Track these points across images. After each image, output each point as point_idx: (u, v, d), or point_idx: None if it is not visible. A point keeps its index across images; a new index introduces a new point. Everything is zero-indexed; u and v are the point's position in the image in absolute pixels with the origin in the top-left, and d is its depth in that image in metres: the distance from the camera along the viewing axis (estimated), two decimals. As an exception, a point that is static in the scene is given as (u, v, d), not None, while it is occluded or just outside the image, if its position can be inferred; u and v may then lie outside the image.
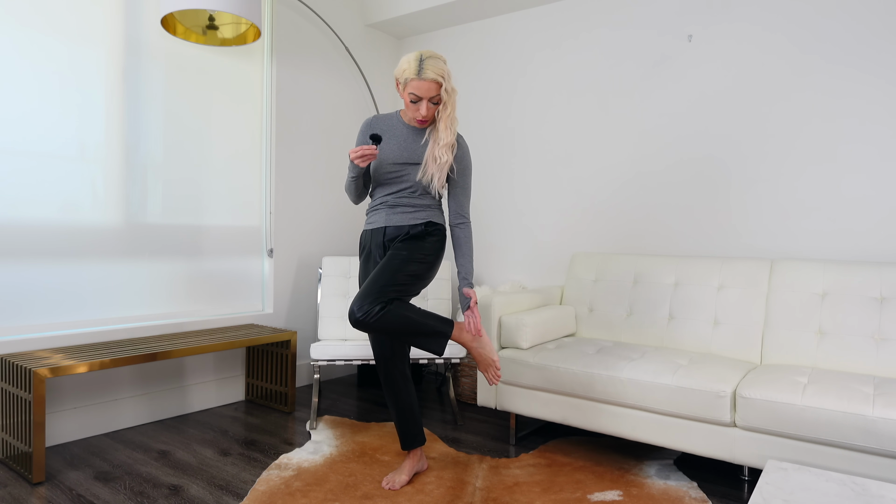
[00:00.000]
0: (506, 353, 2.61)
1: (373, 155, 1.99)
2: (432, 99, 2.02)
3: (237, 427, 2.84)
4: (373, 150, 1.99)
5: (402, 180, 2.15)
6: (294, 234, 3.56)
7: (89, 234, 2.71)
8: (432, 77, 1.98)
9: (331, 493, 2.11)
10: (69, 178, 2.63)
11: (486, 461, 2.44)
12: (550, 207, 3.49)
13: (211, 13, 2.75)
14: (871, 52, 2.57)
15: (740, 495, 2.18)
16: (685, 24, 3.03)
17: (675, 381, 2.20)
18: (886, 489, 1.39)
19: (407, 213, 2.15)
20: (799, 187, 2.73)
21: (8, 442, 2.35)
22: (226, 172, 3.24)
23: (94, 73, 2.69)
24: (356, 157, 1.99)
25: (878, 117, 2.56)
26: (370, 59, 4.02)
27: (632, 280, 2.93)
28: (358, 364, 3.42)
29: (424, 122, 2.10)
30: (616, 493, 2.15)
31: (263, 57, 3.41)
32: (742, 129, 2.87)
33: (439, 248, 2.17)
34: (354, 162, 2.00)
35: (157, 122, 2.93)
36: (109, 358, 2.38)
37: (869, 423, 1.85)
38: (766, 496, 1.35)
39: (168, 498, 2.09)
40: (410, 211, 2.15)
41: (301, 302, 3.60)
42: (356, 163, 2.00)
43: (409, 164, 2.12)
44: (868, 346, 2.31)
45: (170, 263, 3.01)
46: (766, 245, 2.81)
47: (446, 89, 2.02)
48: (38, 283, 2.56)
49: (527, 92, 3.58)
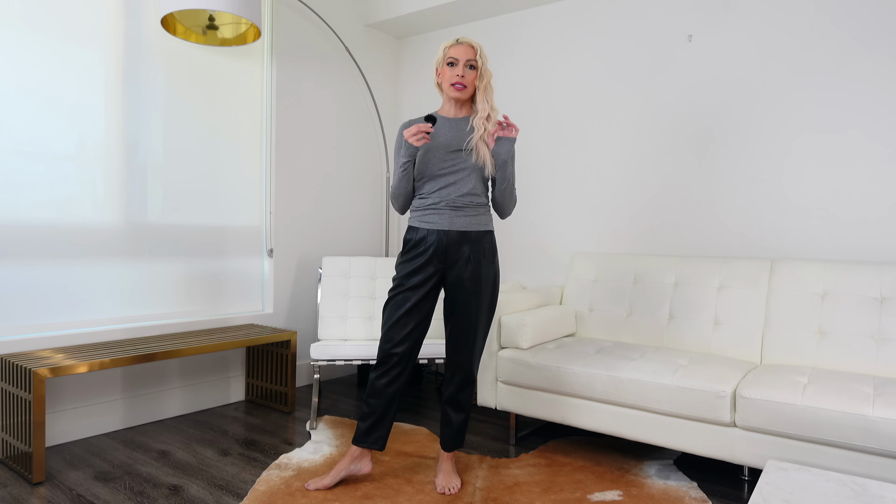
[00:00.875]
0: (506, 353, 2.61)
1: (428, 133, 2.00)
2: (469, 62, 2.08)
3: (237, 427, 2.84)
4: (428, 127, 1.98)
5: (455, 171, 2.11)
6: (294, 234, 3.56)
7: (89, 234, 2.71)
8: (468, 42, 2.11)
9: (331, 492, 2.11)
10: (69, 178, 2.63)
11: (486, 461, 2.44)
12: (550, 207, 3.49)
13: (211, 13, 2.75)
14: (872, 51, 2.57)
15: (740, 495, 2.17)
16: (685, 24, 3.03)
17: (675, 381, 2.20)
18: (886, 489, 1.39)
19: (469, 217, 2.13)
20: (799, 187, 2.73)
21: (8, 442, 2.35)
22: (226, 172, 3.24)
23: (94, 73, 2.69)
24: (411, 135, 1.98)
25: (878, 117, 2.56)
26: (370, 59, 4.02)
27: (632, 280, 2.93)
28: (358, 364, 3.42)
29: (462, 86, 2.09)
30: (616, 493, 2.15)
31: (263, 57, 3.41)
32: (742, 129, 2.87)
33: (495, 250, 2.22)
34: (410, 141, 1.99)
35: (157, 122, 2.93)
36: (109, 358, 2.38)
37: (869, 423, 1.85)
38: (766, 496, 1.35)
39: (168, 498, 2.09)
40: (473, 214, 2.14)
41: (301, 302, 3.60)
42: (411, 141, 1.99)
43: (461, 150, 2.11)
44: (868, 346, 2.31)
45: (170, 263, 3.01)
46: (766, 245, 2.81)
47: (481, 55, 2.10)
48: (38, 283, 2.56)
49: (526, 91, 3.58)
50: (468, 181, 2.11)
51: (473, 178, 2.12)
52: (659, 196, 3.11)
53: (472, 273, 2.11)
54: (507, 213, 2.25)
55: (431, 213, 2.12)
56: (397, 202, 2.20)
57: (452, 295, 2.14)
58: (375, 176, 4.09)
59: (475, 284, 2.12)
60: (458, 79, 2.08)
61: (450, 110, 2.18)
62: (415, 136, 1.99)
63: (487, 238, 2.16)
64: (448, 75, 2.10)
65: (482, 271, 2.13)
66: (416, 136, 1.98)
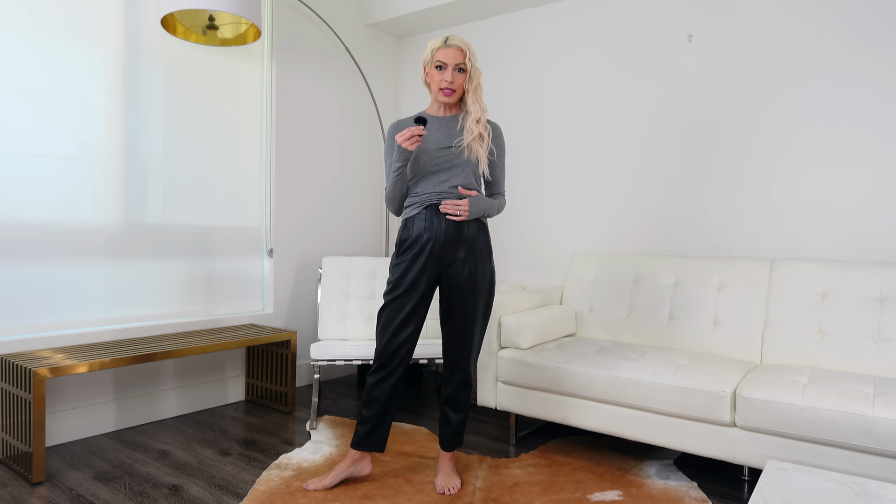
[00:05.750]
0: (506, 353, 2.61)
1: (420, 136, 1.99)
2: (458, 66, 2.06)
3: (237, 427, 2.84)
4: (420, 129, 1.97)
5: (447, 168, 2.10)
6: (294, 234, 3.56)
7: (89, 234, 2.71)
8: (457, 44, 2.06)
9: (331, 492, 2.11)
10: (69, 178, 2.63)
11: (486, 461, 2.44)
12: (550, 207, 3.49)
13: (211, 13, 2.75)
14: (874, 48, 2.57)
15: (740, 495, 2.17)
16: (685, 24, 3.03)
17: (675, 381, 2.20)
18: (886, 489, 1.39)
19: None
20: (799, 187, 2.73)
21: (8, 442, 2.35)
22: (226, 172, 3.24)
23: (94, 73, 2.69)
24: (404, 139, 1.97)
25: (879, 117, 2.56)
26: (370, 59, 4.02)
27: (632, 280, 2.93)
28: (358, 364, 3.42)
29: (451, 91, 2.08)
30: (616, 493, 2.15)
31: (263, 57, 3.41)
32: (742, 129, 2.87)
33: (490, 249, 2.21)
34: (403, 146, 1.98)
35: (157, 122, 2.93)
36: (109, 358, 2.38)
37: (869, 423, 1.85)
38: (766, 496, 1.35)
39: (168, 498, 2.09)
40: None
41: (301, 302, 3.60)
42: (405, 146, 1.98)
43: (451, 147, 2.11)
44: (868, 346, 2.31)
45: (170, 263, 3.01)
46: (766, 245, 2.81)
47: (470, 58, 2.07)
48: (38, 283, 2.56)
49: (526, 91, 3.58)
50: (460, 177, 2.11)
51: (465, 173, 2.11)
52: (659, 196, 3.11)
53: (470, 273, 2.11)
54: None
55: (425, 210, 2.11)
56: (392, 205, 2.18)
57: (449, 296, 2.14)
58: (375, 176, 4.09)
59: (472, 285, 2.12)
60: (448, 84, 2.06)
61: (438, 110, 2.17)
62: (408, 141, 1.98)
63: (483, 236, 2.16)
64: (437, 79, 2.08)
65: (479, 271, 2.13)
66: (409, 140, 1.98)
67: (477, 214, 2.11)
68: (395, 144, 2.08)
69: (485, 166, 2.13)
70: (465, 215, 2.07)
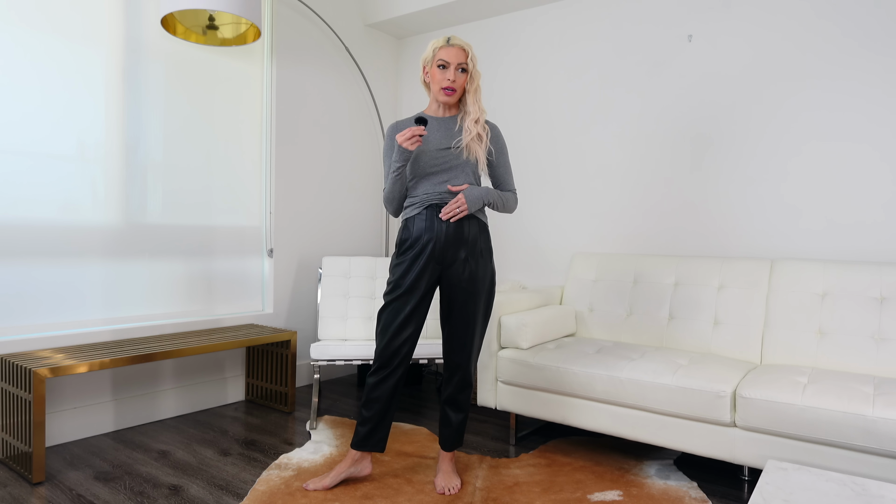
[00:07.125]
0: (506, 353, 2.61)
1: (421, 136, 1.99)
2: (460, 65, 2.07)
3: (237, 427, 2.84)
4: (421, 130, 1.97)
5: (447, 169, 2.10)
6: (294, 234, 3.56)
7: (89, 234, 2.71)
8: (460, 44, 2.08)
9: (330, 492, 2.11)
10: (69, 178, 2.63)
11: (486, 461, 2.44)
12: (550, 207, 3.49)
13: (211, 13, 2.75)
14: (873, 53, 2.57)
15: (740, 495, 2.18)
16: (685, 23, 3.03)
17: (675, 381, 2.20)
18: (886, 489, 1.39)
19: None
20: (799, 187, 2.73)
21: (8, 442, 2.35)
22: (226, 172, 3.24)
23: (94, 72, 2.69)
24: (405, 139, 1.97)
25: (879, 117, 2.56)
26: (370, 59, 4.02)
27: (632, 280, 2.93)
28: (358, 364, 3.42)
29: (453, 90, 2.08)
30: (616, 493, 2.15)
31: (263, 57, 3.41)
32: (743, 129, 2.87)
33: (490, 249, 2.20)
34: (404, 146, 1.98)
35: (157, 122, 2.93)
36: (109, 358, 2.38)
37: (869, 423, 1.85)
38: (766, 496, 1.35)
39: (168, 498, 2.09)
40: None
41: (301, 302, 3.60)
42: (406, 146, 1.98)
43: (450, 148, 2.11)
44: (868, 346, 2.31)
45: (169, 263, 3.00)
46: (766, 245, 2.81)
47: (472, 59, 2.08)
48: (38, 283, 2.56)
49: (526, 91, 3.58)
50: (460, 177, 2.11)
51: (465, 173, 2.11)
52: (659, 196, 3.11)
53: (470, 274, 2.11)
54: (510, 212, 2.29)
55: (426, 210, 2.10)
56: (391, 206, 2.18)
57: (450, 296, 2.14)
58: (375, 176, 4.09)
59: (473, 285, 2.12)
60: (449, 83, 2.07)
61: (438, 110, 2.17)
62: (409, 141, 1.97)
63: (483, 236, 2.16)
64: (438, 78, 2.08)
65: (479, 272, 2.13)
66: (410, 140, 1.97)
67: (478, 203, 2.09)
68: (395, 144, 2.08)
69: (483, 167, 2.14)
70: (465, 209, 2.07)
